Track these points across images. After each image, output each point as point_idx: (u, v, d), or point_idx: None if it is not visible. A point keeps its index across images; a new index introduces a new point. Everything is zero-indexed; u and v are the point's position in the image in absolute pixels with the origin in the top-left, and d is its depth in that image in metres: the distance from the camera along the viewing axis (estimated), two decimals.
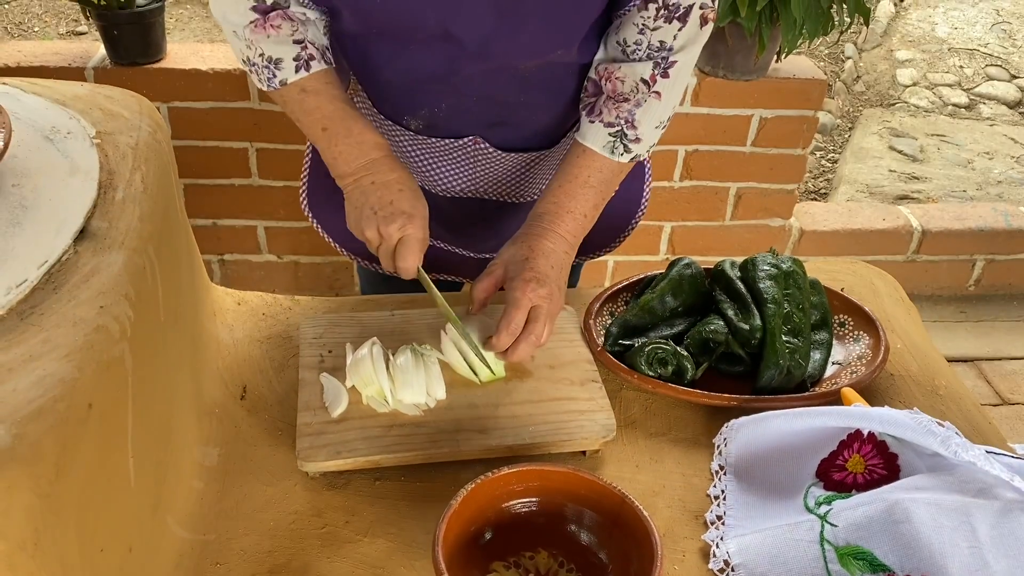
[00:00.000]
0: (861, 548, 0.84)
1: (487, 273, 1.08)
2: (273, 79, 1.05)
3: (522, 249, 1.07)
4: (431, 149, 1.20)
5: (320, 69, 1.05)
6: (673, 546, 0.92)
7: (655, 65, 1.05)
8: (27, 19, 4.33)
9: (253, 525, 0.92)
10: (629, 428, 1.07)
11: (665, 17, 1.02)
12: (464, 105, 1.13)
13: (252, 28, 1.03)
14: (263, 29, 1.03)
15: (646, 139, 1.09)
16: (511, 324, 1.01)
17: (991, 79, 4.46)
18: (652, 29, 1.03)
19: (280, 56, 1.04)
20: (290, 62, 1.04)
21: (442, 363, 1.08)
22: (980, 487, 0.86)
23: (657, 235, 2.59)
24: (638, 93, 1.07)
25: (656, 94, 1.06)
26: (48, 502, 0.62)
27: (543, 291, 1.03)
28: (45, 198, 0.85)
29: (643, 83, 1.06)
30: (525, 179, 1.26)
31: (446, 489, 0.95)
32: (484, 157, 1.20)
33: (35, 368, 0.67)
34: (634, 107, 1.07)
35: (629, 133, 1.08)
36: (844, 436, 0.95)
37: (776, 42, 2.20)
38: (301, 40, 1.04)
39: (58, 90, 1.05)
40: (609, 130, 1.08)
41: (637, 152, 1.10)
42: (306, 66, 1.04)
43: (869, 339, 1.17)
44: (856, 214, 2.78)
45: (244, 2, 1.02)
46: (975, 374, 2.63)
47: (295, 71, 1.04)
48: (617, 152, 1.09)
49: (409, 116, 1.17)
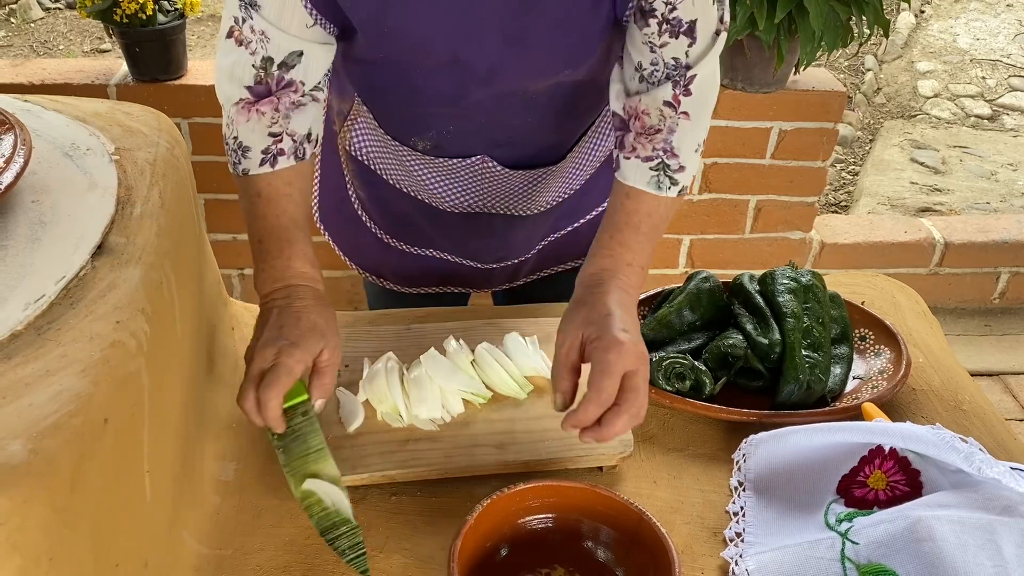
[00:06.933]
0: (883, 566, 0.83)
1: (561, 359, 0.94)
2: (237, 165, 1.02)
3: (595, 311, 0.94)
4: (438, 168, 1.20)
5: (286, 167, 1.02)
6: (692, 563, 0.91)
7: (674, 84, 0.99)
8: (52, 37, 4.40)
9: (269, 540, 0.92)
10: (647, 443, 1.06)
11: (670, 32, 0.97)
12: (472, 127, 1.13)
13: (237, 108, 1.01)
14: (246, 112, 1.00)
15: (689, 166, 1.02)
16: (602, 394, 0.87)
17: (1014, 90, 4.42)
18: (660, 46, 0.98)
19: (249, 145, 1.01)
20: (257, 154, 1.01)
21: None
22: (1005, 504, 0.84)
23: (676, 248, 2.58)
24: (667, 120, 1.00)
25: (684, 115, 1.00)
26: (64, 517, 0.62)
27: (636, 352, 0.90)
28: (64, 214, 0.86)
29: (667, 107, 1.00)
30: (533, 193, 1.26)
31: (462, 504, 0.94)
32: (492, 175, 1.20)
33: (52, 383, 0.67)
34: (668, 135, 1.00)
35: (671, 163, 1.01)
36: (865, 452, 0.94)
37: (795, 54, 2.19)
38: (278, 134, 1.01)
39: (78, 107, 1.06)
40: (649, 164, 1.01)
41: (683, 183, 1.02)
42: (272, 161, 1.01)
43: (890, 353, 1.16)
44: (877, 227, 2.75)
45: (244, 77, 0.99)
46: (1000, 388, 2.59)
47: (259, 164, 1.01)
48: (664, 187, 1.01)
49: (416, 137, 1.17)
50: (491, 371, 1.07)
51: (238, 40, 0.98)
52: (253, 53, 0.98)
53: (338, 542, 0.87)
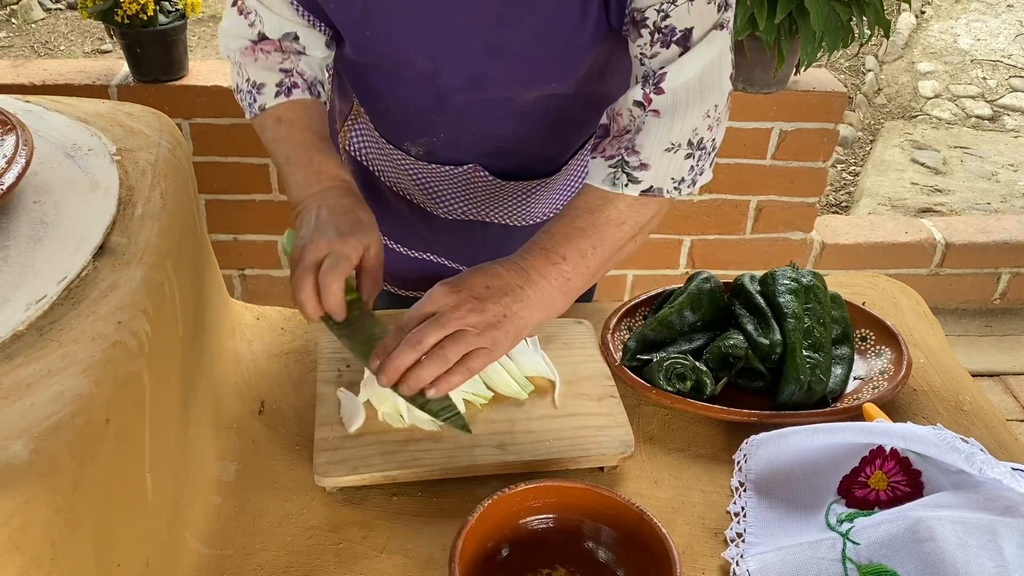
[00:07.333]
0: (884, 567, 0.83)
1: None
2: (253, 104, 1.04)
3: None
4: (432, 174, 1.20)
5: (301, 98, 1.03)
6: (692, 564, 0.91)
7: (644, 83, 0.94)
8: (53, 38, 4.40)
9: (270, 540, 0.92)
10: (648, 444, 1.06)
11: (662, 42, 0.93)
12: (461, 135, 1.12)
13: (242, 51, 1.03)
14: (252, 53, 1.03)
15: (655, 165, 0.95)
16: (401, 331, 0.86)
17: (1015, 91, 4.42)
18: (651, 57, 0.94)
19: (263, 81, 1.03)
20: (272, 87, 1.03)
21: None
22: (1007, 505, 0.84)
23: (676, 249, 2.58)
24: (635, 120, 0.96)
25: (654, 112, 0.94)
26: (65, 517, 0.62)
27: (453, 299, 0.87)
28: (65, 214, 0.86)
29: (636, 106, 0.95)
30: (527, 204, 1.25)
31: (463, 505, 0.95)
32: (483, 184, 1.20)
33: (53, 383, 0.67)
34: (634, 134, 0.95)
35: (631, 160, 0.95)
36: (866, 452, 0.94)
37: (795, 55, 2.19)
38: (288, 69, 1.03)
39: (80, 107, 1.06)
40: (609, 161, 0.96)
41: (650, 183, 0.95)
42: (287, 92, 1.03)
43: (891, 354, 1.16)
44: (878, 227, 2.75)
45: (245, 31, 1.03)
46: (1001, 389, 2.59)
47: (275, 96, 1.02)
48: (620, 183, 0.95)
49: (409, 142, 1.17)
50: (492, 371, 1.07)
51: (239, 9, 1.02)
52: (251, 25, 1.02)
53: (429, 404, 0.88)
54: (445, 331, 0.86)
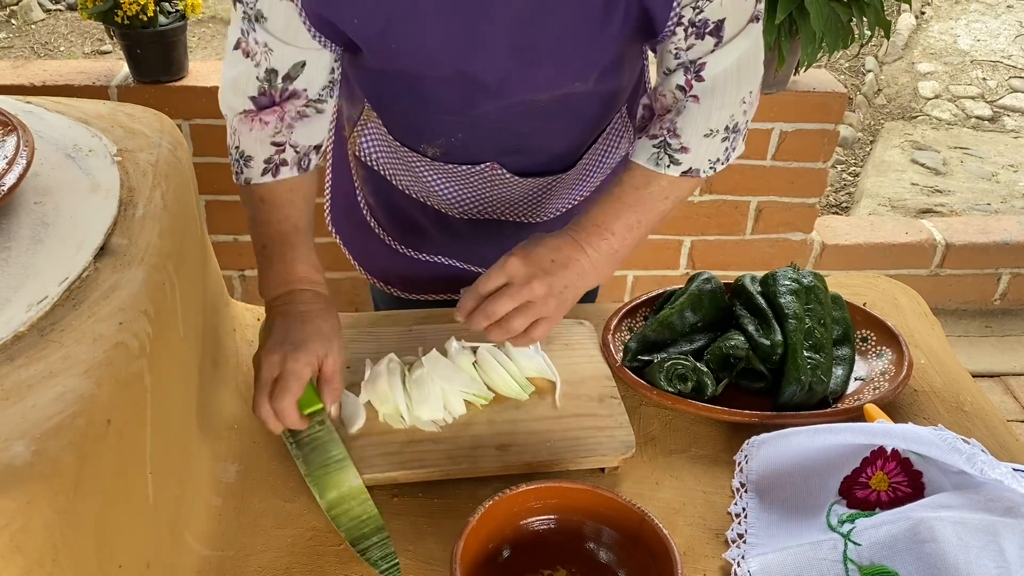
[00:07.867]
0: (886, 568, 0.83)
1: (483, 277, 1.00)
2: (240, 175, 1.04)
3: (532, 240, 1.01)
4: (447, 174, 1.20)
5: (288, 177, 1.03)
6: (693, 565, 0.91)
7: (686, 71, 1.00)
8: (53, 39, 4.40)
9: (271, 541, 0.92)
10: (649, 445, 1.06)
11: (696, 34, 0.98)
12: (480, 135, 1.13)
13: (240, 118, 1.02)
14: (249, 122, 1.02)
15: (695, 149, 1.03)
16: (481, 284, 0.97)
17: (1015, 91, 4.42)
18: (686, 49, 0.99)
19: (252, 154, 1.02)
20: (259, 163, 1.02)
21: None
22: (1008, 506, 0.84)
23: (677, 249, 2.58)
24: (677, 102, 1.03)
25: (694, 98, 1.01)
26: (67, 518, 0.62)
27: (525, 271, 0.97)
28: (66, 215, 0.86)
29: (679, 90, 1.02)
30: (542, 201, 1.26)
31: (464, 506, 0.95)
32: (500, 182, 1.20)
33: (55, 384, 0.67)
34: (675, 116, 1.03)
35: (672, 143, 1.02)
36: (867, 453, 0.94)
37: (795, 55, 2.19)
38: (281, 143, 1.02)
39: (81, 108, 1.06)
40: (653, 141, 1.04)
41: (689, 164, 1.03)
42: (274, 171, 1.02)
43: (892, 354, 1.16)
44: (878, 228, 2.75)
45: (248, 88, 1.00)
46: (1002, 390, 2.59)
47: (261, 174, 1.02)
48: (663, 164, 1.03)
49: (426, 144, 1.17)
50: (493, 372, 1.07)
51: (245, 52, 0.99)
52: (257, 65, 0.99)
53: (369, 552, 0.88)
54: (515, 303, 0.96)
